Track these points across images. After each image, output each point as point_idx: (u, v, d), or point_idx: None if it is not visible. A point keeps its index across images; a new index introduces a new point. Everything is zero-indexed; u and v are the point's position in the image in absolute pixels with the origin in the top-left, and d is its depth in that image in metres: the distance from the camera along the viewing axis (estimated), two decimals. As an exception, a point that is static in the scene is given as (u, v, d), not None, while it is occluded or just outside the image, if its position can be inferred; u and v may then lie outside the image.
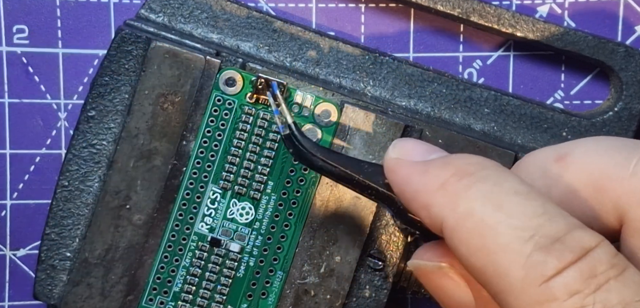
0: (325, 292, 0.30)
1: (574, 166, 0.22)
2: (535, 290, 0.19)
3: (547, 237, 0.19)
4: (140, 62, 0.30)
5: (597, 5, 0.34)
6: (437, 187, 0.22)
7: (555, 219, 0.20)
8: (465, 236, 0.21)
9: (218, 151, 0.29)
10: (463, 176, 0.21)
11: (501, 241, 0.20)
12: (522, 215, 0.20)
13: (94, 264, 0.29)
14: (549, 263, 0.19)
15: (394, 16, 0.34)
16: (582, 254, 0.19)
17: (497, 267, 0.20)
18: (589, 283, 0.19)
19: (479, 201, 0.21)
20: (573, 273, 0.19)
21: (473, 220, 0.21)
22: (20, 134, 0.33)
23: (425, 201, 0.22)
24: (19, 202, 0.34)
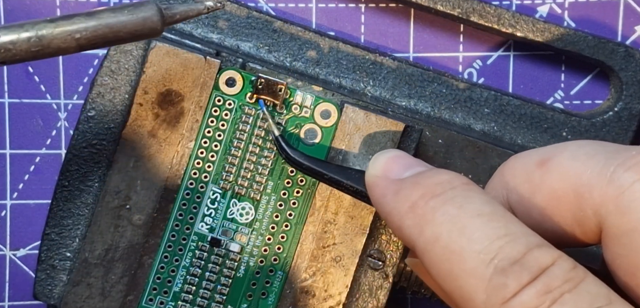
0: (325, 292, 0.30)
1: (555, 172, 0.23)
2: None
3: (506, 260, 0.20)
4: (140, 62, 0.30)
5: (597, 5, 0.34)
6: (407, 209, 0.23)
7: (516, 240, 0.21)
8: (433, 260, 0.22)
9: (218, 151, 0.29)
10: (431, 198, 0.22)
11: (465, 266, 0.21)
12: (484, 239, 0.21)
13: (94, 264, 0.29)
14: (508, 286, 0.20)
15: (394, 16, 0.34)
16: (538, 273, 0.20)
17: (462, 291, 0.21)
18: (544, 299, 0.19)
19: (444, 226, 0.21)
20: (530, 292, 0.20)
21: (439, 245, 0.21)
22: (20, 134, 0.33)
23: (397, 223, 0.23)
24: (19, 202, 0.34)
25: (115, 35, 0.24)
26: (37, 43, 0.23)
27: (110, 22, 0.24)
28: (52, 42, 0.23)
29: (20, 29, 0.23)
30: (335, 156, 0.29)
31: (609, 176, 0.21)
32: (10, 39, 0.23)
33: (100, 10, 0.24)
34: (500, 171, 0.25)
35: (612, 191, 0.21)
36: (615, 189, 0.21)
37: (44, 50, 0.23)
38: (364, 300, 0.30)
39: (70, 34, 0.23)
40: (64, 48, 0.23)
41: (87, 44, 0.24)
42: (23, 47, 0.23)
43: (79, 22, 0.23)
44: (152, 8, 0.24)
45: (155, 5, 0.24)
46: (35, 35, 0.23)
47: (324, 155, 0.29)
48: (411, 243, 0.23)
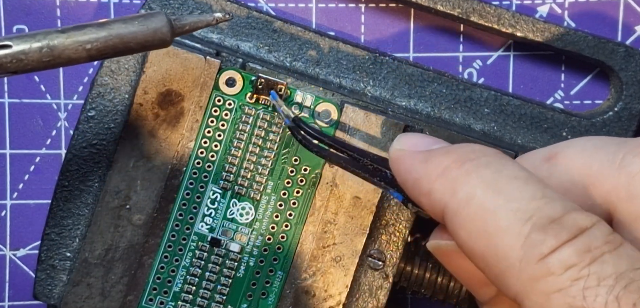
0: (325, 292, 0.30)
1: (563, 165, 0.23)
2: (532, 268, 0.20)
3: (545, 218, 0.20)
4: (140, 62, 0.30)
5: (597, 5, 0.34)
6: (438, 174, 0.23)
7: (553, 202, 0.21)
8: (465, 220, 0.21)
9: (218, 151, 0.29)
10: (464, 162, 0.22)
11: (501, 224, 0.20)
12: (521, 199, 0.21)
13: (94, 264, 0.29)
14: (546, 242, 0.20)
15: (394, 16, 0.34)
16: (578, 233, 0.20)
17: (497, 249, 0.20)
18: (584, 257, 0.19)
19: (479, 187, 0.21)
20: (569, 250, 0.20)
21: (473, 204, 0.21)
22: (20, 134, 0.33)
23: (426, 188, 0.23)
24: (19, 202, 0.34)
25: (125, 46, 0.24)
26: (48, 53, 0.23)
27: (121, 33, 0.24)
28: (63, 53, 0.23)
29: (32, 39, 0.23)
30: (335, 156, 0.29)
31: (618, 164, 0.22)
32: (22, 49, 0.23)
33: (111, 21, 0.24)
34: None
35: (623, 177, 0.21)
36: (626, 175, 0.21)
37: (55, 60, 0.23)
38: (364, 300, 0.30)
39: (81, 45, 0.23)
40: (75, 58, 0.24)
41: (98, 54, 0.24)
42: (35, 57, 0.23)
43: (90, 33, 0.24)
44: (162, 19, 0.24)
45: (165, 16, 0.25)
46: (46, 45, 0.23)
47: (324, 155, 0.29)
48: (441, 207, 0.22)
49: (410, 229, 0.30)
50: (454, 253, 0.24)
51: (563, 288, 0.19)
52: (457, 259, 0.24)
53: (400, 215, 0.30)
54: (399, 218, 0.30)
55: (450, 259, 0.24)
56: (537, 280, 0.20)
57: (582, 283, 0.19)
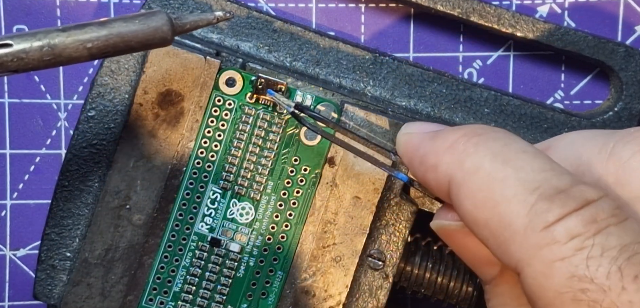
0: (325, 292, 0.30)
1: (555, 155, 0.23)
2: (537, 235, 0.20)
3: (552, 189, 0.20)
4: (140, 62, 0.30)
5: (597, 5, 0.34)
6: (446, 147, 0.23)
7: (561, 174, 0.21)
8: (471, 190, 0.22)
9: (218, 151, 0.29)
10: (472, 136, 0.22)
11: (508, 192, 0.21)
12: (530, 170, 0.21)
13: (94, 264, 0.29)
14: (552, 210, 0.20)
15: (394, 16, 0.34)
16: (584, 204, 0.20)
17: (501, 217, 0.21)
18: (589, 228, 0.19)
19: (487, 158, 0.21)
20: (574, 219, 0.20)
21: (481, 174, 0.21)
22: (20, 134, 0.33)
23: (433, 161, 0.23)
24: (19, 202, 0.34)
25: (126, 45, 0.24)
26: (49, 52, 0.23)
27: (121, 32, 0.24)
28: (64, 51, 0.23)
29: (33, 37, 0.23)
30: (335, 155, 0.29)
31: (609, 152, 0.22)
32: (23, 47, 0.23)
33: (112, 20, 0.24)
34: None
35: (612, 164, 0.22)
36: (615, 162, 0.22)
37: (56, 59, 0.23)
38: (364, 300, 0.30)
39: (82, 43, 0.23)
40: (76, 57, 0.24)
41: (99, 53, 0.24)
42: (36, 55, 0.23)
43: (91, 32, 0.24)
44: (162, 18, 0.24)
45: (166, 15, 0.25)
46: (47, 44, 0.23)
47: (323, 155, 0.29)
48: (446, 180, 0.22)
49: (410, 229, 0.30)
50: (457, 232, 0.24)
51: (567, 257, 0.19)
52: (461, 238, 0.24)
53: (400, 215, 0.30)
54: (399, 218, 0.30)
55: (453, 238, 0.24)
56: (540, 248, 0.20)
57: (585, 252, 0.19)
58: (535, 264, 0.20)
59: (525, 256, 0.20)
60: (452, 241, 0.25)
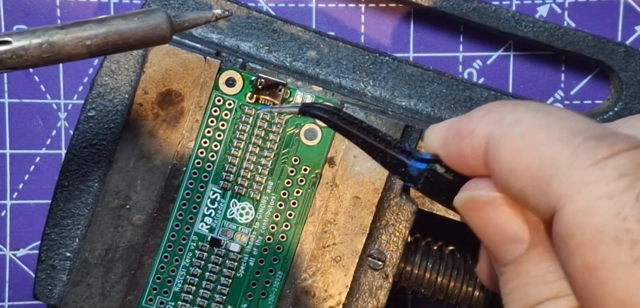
0: (325, 292, 0.30)
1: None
2: (583, 171, 0.19)
3: (597, 134, 0.20)
4: (140, 62, 0.30)
5: (597, 5, 0.34)
6: (484, 112, 0.22)
7: (602, 127, 0.20)
8: (512, 139, 0.21)
9: (218, 151, 0.29)
10: (509, 102, 0.22)
11: (551, 135, 0.20)
12: (573, 120, 0.20)
13: (94, 264, 0.29)
14: (600, 148, 0.19)
15: (394, 16, 0.34)
16: (633, 147, 0.19)
17: (544, 158, 0.20)
18: (639, 170, 0.19)
19: (529, 112, 0.21)
20: (624, 158, 0.19)
21: (522, 124, 0.21)
22: (20, 134, 0.33)
23: (470, 128, 0.22)
24: (19, 202, 0.34)
25: (125, 42, 0.24)
26: (48, 49, 0.23)
27: (120, 29, 0.24)
28: (63, 49, 0.23)
29: (32, 35, 0.23)
30: (335, 155, 0.29)
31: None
32: (22, 44, 0.23)
33: (110, 17, 0.24)
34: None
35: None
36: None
37: (55, 56, 0.23)
38: (364, 300, 0.30)
39: (81, 41, 0.23)
40: (75, 54, 0.24)
41: (98, 50, 0.24)
42: (34, 53, 0.23)
43: (89, 29, 0.24)
44: (161, 16, 0.24)
45: (165, 13, 0.25)
46: (46, 41, 0.23)
47: (323, 155, 0.29)
48: (484, 142, 0.21)
49: (410, 229, 0.30)
50: (486, 205, 0.22)
51: (615, 194, 0.19)
52: (489, 211, 0.22)
53: (400, 215, 0.30)
54: (399, 218, 0.30)
55: (480, 213, 0.23)
56: (586, 184, 0.19)
57: (635, 192, 0.18)
58: (578, 200, 0.19)
59: (567, 192, 0.19)
60: (477, 216, 0.23)
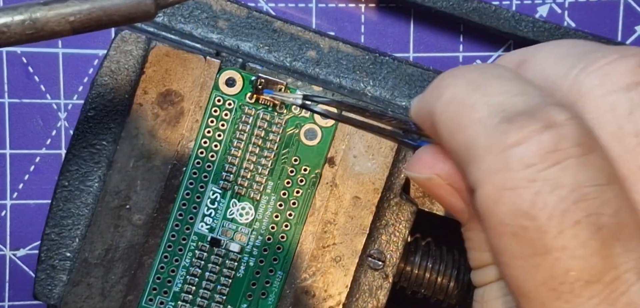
0: (325, 292, 0.30)
1: (530, 70, 0.22)
2: (493, 158, 0.19)
3: (515, 111, 0.19)
4: (140, 62, 0.30)
5: (597, 5, 0.34)
6: (433, 85, 0.22)
7: (531, 96, 0.19)
8: (446, 118, 0.21)
9: (218, 151, 0.29)
10: (456, 70, 0.22)
11: (474, 116, 0.20)
12: (499, 94, 0.20)
13: (94, 264, 0.29)
14: (510, 133, 0.19)
15: (394, 16, 0.34)
16: (547, 126, 0.18)
17: (467, 140, 0.20)
18: (547, 158, 0.18)
19: (461, 87, 0.21)
20: (532, 145, 0.18)
21: (454, 102, 0.21)
22: (20, 134, 0.33)
23: (426, 107, 0.22)
24: (19, 202, 0.34)
25: (109, 19, 0.24)
26: (31, 26, 0.23)
27: (104, 5, 0.24)
28: (46, 25, 0.23)
29: (14, 11, 0.23)
30: (335, 155, 0.29)
31: (571, 79, 0.20)
32: (3, 21, 0.23)
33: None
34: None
35: (572, 95, 0.20)
36: (575, 93, 0.20)
37: (38, 33, 0.23)
38: (364, 300, 0.30)
39: (64, 17, 0.23)
40: (58, 31, 0.23)
41: (81, 26, 0.24)
42: (17, 29, 0.23)
43: (72, 5, 0.24)
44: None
45: None
46: (29, 17, 0.23)
47: (323, 155, 0.29)
48: (430, 113, 0.21)
49: (410, 229, 0.30)
50: (426, 184, 0.23)
51: (517, 187, 0.18)
52: (431, 189, 0.23)
53: (400, 215, 0.30)
54: (399, 218, 0.30)
55: (424, 187, 0.24)
56: (494, 172, 0.19)
57: (536, 186, 0.18)
58: (487, 188, 0.19)
59: (480, 178, 0.19)
60: (424, 188, 0.24)
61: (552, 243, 0.18)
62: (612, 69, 0.20)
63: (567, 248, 0.18)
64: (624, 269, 0.18)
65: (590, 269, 0.18)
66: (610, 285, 0.18)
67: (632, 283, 0.18)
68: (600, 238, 0.18)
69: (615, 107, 0.19)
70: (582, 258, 0.18)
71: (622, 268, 0.18)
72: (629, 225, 0.18)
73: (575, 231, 0.18)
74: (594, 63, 0.20)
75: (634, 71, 0.19)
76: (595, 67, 0.20)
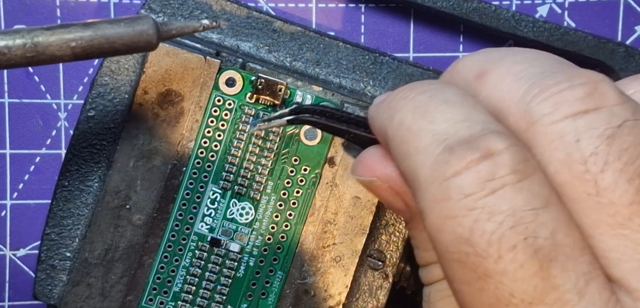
0: (325, 292, 0.30)
1: (485, 88, 0.22)
2: (435, 189, 0.19)
3: (457, 140, 0.20)
4: (140, 62, 0.30)
5: (597, 5, 0.34)
6: (384, 107, 0.23)
7: (474, 124, 0.20)
8: (395, 144, 0.21)
9: (218, 151, 0.29)
10: (407, 91, 0.22)
11: (419, 144, 0.20)
12: (443, 122, 0.20)
13: (94, 264, 0.29)
14: (450, 163, 0.19)
15: (394, 16, 0.34)
16: (485, 156, 0.19)
17: (413, 168, 0.20)
18: (484, 187, 0.19)
19: (409, 112, 0.21)
20: (470, 175, 0.19)
21: (402, 128, 0.21)
22: (20, 134, 0.33)
23: (377, 124, 0.23)
24: (19, 202, 0.34)
25: (110, 47, 0.24)
26: (32, 49, 0.23)
27: (106, 33, 0.24)
28: (47, 49, 0.23)
29: (16, 34, 0.23)
30: (335, 155, 0.29)
31: (524, 107, 0.21)
32: (5, 44, 0.23)
33: (97, 21, 0.24)
34: (450, 70, 0.24)
35: (524, 123, 0.20)
36: (526, 121, 0.20)
37: (38, 56, 0.23)
38: (364, 300, 0.30)
39: (65, 42, 0.24)
40: (59, 56, 0.24)
41: (82, 53, 0.24)
42: (18, 52, 0.23)
43: (75, 32, 0.24)
44: (148, 22, 0.25)
45: (152, 19, 0.25)
46: (30, 41, 0.23)
47: (323, 155, 0.29)
48: (384, 134, 0.22)
49: (410, 229, 0.30)
50: (370, 187, 0.24)
51: (457, 216, 0.19)
52: (374, 190, 0.24)
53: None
54: (399, 218, 0.30)
55: (369, 189, 0.24)
56: (436, 202, 0.19)
57: (474, 215, 0.19)
58: (431, 217, 0.19)
59: (425, 208, 0.20)
60: (369, 190, 0.25)
61: (493, 268, 0.18)
62: (561, 98, 0.20)
63: (507, 271, 0.18)
64: (563, 290, 0.18)
65: (532, 291, 0.18)
66: (553, 306, 0.18)
67: (574, 303, 0.18)
68: (538, 260, 0.18)
69: (563, 135, 0.20)
70: (522, 280, 0.18)
71: (561, 289, 0.18)
72: (567, 246, 0.19)
73: (513, 255, 0.18)
74: (546, 90, 0.20)
75: (581, 100, 0.20)
76: (546, 95, 0.20)
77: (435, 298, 0.23)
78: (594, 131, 0.19)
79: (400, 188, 0.23)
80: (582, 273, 0.19)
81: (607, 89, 0.20)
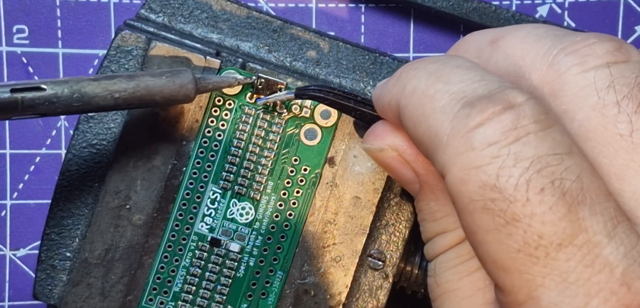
0: (325, 292, 0.30)
1: (503, 50, 0.23)
2: (457, 142, 0.20)
3: (475, 95, 0.20)
4: (140, 62, 0.30)
5: (597, 5, 0.34)
6: (394, 81, 0.23)
7: (490, 81, 0.20)
8: (410, 110, 0.22)
9: (218, 151, 0.29)
10: (417, 63, 0.23)
11: (436, 105, 0.21)
12: (459, 83, 0.21)
13: (94, 264, 0.29)
14: (472, 116, 0.20)
15: (394, 16, 0.34)
16: (506, 108, 0.19)
17: (430, 128, 0.21)
18: (508, 136, 0.19)
19: (423, 79, 0.22)
20: (493, 125, 0.19)
21: (417, 93, 0.22)
22: (20, 134, 0.33)
23: (387, 97, 0.24)
24: (19, 202, 0.34)
25: (151, 98, 0.25)
26: (79, 99, 0.24)
27: (148, 85, 0.25)
28: (93, 100, 0.24)
29: (65, 84, 0.24)
30: (335, 155, 0.29)
31: (550, 60, 0.21)
32: (55, 92, 0.23)
33: (139, 73, 0.25)
34: (456, 46, 0.25)
35: (550, 74, 0.21)
36: (553, 73, 0.21)
37: (84, 106, 0.24)
38: (364, 300, 0.30)
39: (110, 93, 0.25)
40: (103, 106, 0.25)
41: (124, 103, 0.25)
42: (66, 102, 0.24)
43: (120, 83, 0.25)
44: (188, 76, 0.26)
45: (191, 74, 0.26)
46: (78, 91, 0.24)
47: (323, 155, 0.29)
48: (395, 106, 0.23)
49: (410, 229, 0.30)
50: (380, 155, 0.25)
51: (482, 165, 0.19)
52: (384, 160, 0.25)
53: (400, 215, 0.30)
54: (399, 218, 0.30)
55: (378, 160, 0.25)
56: (459, 155, 0.20)
57: (499, 162, 0.19)
58: (454, 171, 0.20)
59: (447, 162, 0.20)
60: (378, 161, 0.25)
61: (521, 211, 0.19)
62: (590, 50, 0.21)
63: (536, 214, 0.19)
64: (593, 231, 0.19)
65: (561, 233, 0.19)
66: (583, 247, 0.18)
67: (604, 245, 0.19)
68: (566, 203, 0.19)
69: (595, 81, 0.21)
70: (551, 222, 0.19)
71: (590, 231, 0.19)
72: (593, 191, 0.19)
73: (541, 197, 0.19)
74: (573, 45, 0.21)
75: (611, 53, 0.21)
76: (574, 48, 0.21)
77: (441, 270, 0.23)
78: (625, 79, 0.20)
79: (409, 156, 0.23)
80: (610, 217, 0.19)
81: (631, 47, 0.21)
